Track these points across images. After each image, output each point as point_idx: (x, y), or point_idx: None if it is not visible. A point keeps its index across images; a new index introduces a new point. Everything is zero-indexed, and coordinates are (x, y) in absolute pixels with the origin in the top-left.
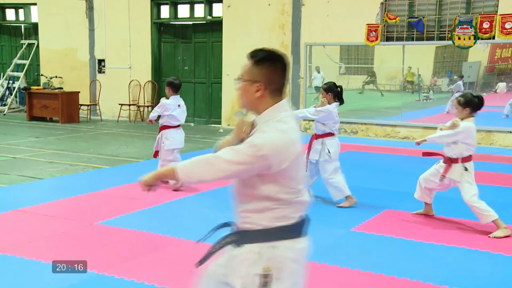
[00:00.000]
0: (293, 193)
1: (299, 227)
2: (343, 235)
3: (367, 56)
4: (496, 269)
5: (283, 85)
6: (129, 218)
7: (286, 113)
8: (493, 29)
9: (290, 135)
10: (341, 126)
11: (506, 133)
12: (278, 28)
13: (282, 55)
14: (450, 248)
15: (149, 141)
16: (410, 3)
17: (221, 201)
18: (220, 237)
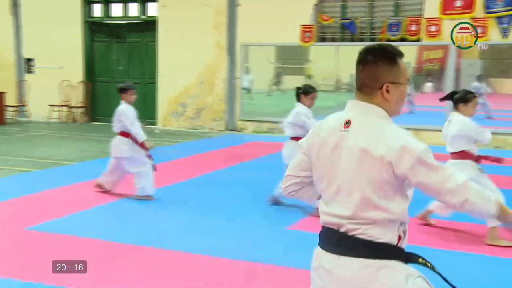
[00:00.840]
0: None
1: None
2: (278, 234)
3: (302, 57)
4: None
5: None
6: (61, 222)
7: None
8: (419, 31)
9: None
10: (277, 126)
11: (434, 131)
12: (214, 28)
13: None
14: None
15: (81, 142)
16: (342, 5)
17: (152, 204)
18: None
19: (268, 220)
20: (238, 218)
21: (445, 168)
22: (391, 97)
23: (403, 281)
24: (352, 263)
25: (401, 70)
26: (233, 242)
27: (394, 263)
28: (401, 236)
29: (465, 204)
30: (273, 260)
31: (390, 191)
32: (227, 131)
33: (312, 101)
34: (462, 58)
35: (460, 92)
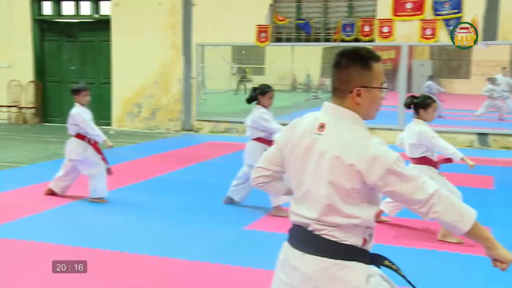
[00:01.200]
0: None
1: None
2: (235, 234)
3: (259, 57)
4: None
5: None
6: (11, 226)
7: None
8: (372, 32)
9: None
10: (233, 126)
11: (387, 130)
12: (169, 28)
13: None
14: None
15: (32, 144)
16: (297, 6)
17: (105, 206)
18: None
19: (225, 221)
20: (195, 219)
21: (416, 178)
22: (362, 101)
23: (363, 281)
24: (316, 262)
25: (374, 73)
26: (189, 243)
27: (356, 264)
28: (366, 239)
29: (431, 214)
30: (231, 260)
31: (357, 199)
32: (183, 131)
33: (270, 101)
34: (414, 59)
35: (420, 97)
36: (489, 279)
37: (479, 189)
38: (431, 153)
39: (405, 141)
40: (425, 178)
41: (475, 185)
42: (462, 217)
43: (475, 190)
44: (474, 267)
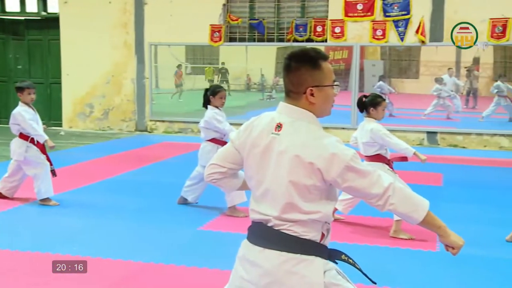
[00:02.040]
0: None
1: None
2: (191, 234)
3: (213, 56)
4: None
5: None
6: None
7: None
8: (325, 32)
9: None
10: (188, 126)
11: (340, 129)
12: (121, 27)
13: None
14: None
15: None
16: (250, 6)
17: (55, 209)
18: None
19: (180, 221)
20: (149, 220)
21: (372, 173)
22: (316, 100)
23: (320, 275)
24: (275, 256)
25: (324, 72)
26: (144, 244)
27: (314, 258)
28: (324, 234)
29: (387, 206)
30: (186, 261)
31: (317, 195)
32: (137, 132)
33: (221, 101)
34: (365, 59)
35: (369, 96)
36: (439, 273)
37: (429, 186)
38: (384, 151)
39: (359, 140)
40: (380, 172)
41: (425, 182)
42: (416, 207)
43: (425, 187)
44: (425, 262)
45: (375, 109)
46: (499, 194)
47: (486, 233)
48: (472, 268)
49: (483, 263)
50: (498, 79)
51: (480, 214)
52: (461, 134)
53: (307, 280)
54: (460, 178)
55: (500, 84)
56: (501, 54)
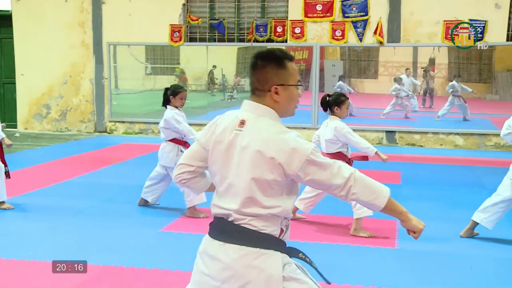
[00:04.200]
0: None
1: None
2: (152, 236)
3: (173, 57)
4: None
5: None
6: None
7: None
8: (285, 33)
9: None
10: (148, 127)
11: (301, 129)
12: (78, 26)
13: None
14: None
15: None
16: (211, 6)
17: (9, 213)
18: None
19: (141, 223)
20: (109, 223)
21: (332, 164)
22: (280, 99)
23: (279, 268)
24: (235, 250)
25: (290, 72)
26: (104, 247)
27: (273, 252)
28: (283, 230)
29: (350, 196)
30: (147, 263)
31: (278, 190)
32: (96, 133)
33: (182, 101)
34: (325, 59)
35: (333, 95)
36: (398, 269)
37: (388, 184)
38: (346, 149)
39: (321, 137)
40: (340, 163)
41: (384, 181)
42: (377, 194)
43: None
44: (384, 259)
45: (339, 108)
46: (454, 192)
47: (442, 229)
48: (429, 263)
49: (440, 259)
50: (454, 79)
51: (437, 211)
52: (418, 133)
53: (266, 273)
54: (418, 176)
55: (455, 84)
56: (455, 55)
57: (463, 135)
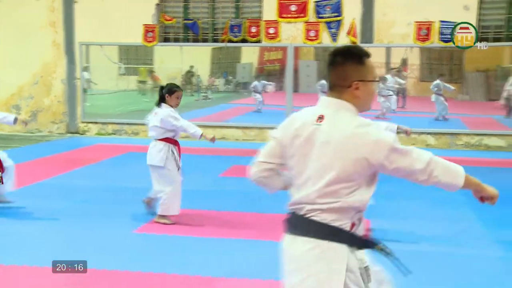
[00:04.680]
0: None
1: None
2: (125, 237)
3: (147, 57)
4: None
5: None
6: None
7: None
8: (259, 33)
9: None
10: (121, 127)
11: (275, 129)
12: (49, 26)
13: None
14: (238, 241)
15: None
16: (185, 6)
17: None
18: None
19: (114, 224)
20: (82, 224)
21: (412, 150)
22: (360, 94)
23: (343, 262)
24: (304, 243)
25: (368, 68)
26: (76, 249)
27: (340, 245)
28: (355, 223)
29: (432, 179)
30: (120, 265)
31: (357, 183)
32: (68, 134)
33: (177, 101)
34: (300, 59)
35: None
36: None
37: None
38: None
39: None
40: (418, 150)
41: None
42: (456, 174)
43: None
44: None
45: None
46: (427, 190)
47: (418, 228)
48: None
49: (412, 257)
50: (438, 78)
51: (411, 210)
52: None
53: (330, 267)
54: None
55: (439, 83)
56: (426, 55)
57: (435, 135)
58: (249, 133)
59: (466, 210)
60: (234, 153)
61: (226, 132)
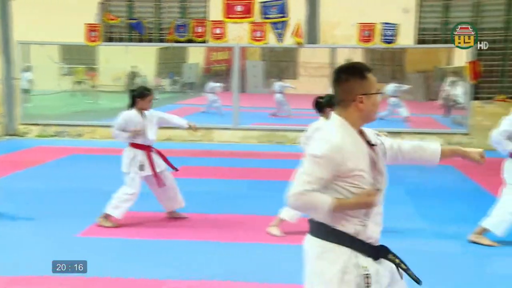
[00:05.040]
0: None
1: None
2: (67, 242)
3: (91, 57)
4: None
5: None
6: None
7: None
8: (206, 33)
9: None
10: (64, 129)
11: (222, 129)
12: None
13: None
14: (199, 243)
15: None
16: (129, 5)
17: None
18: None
19: (56, 228)
20: (22, 229)
21: (299, 174)
22: (365, 106)
23: (338, 263)
24: (312, 241)
25: (370, 82)
26: (15, 255)
27: (341, 249)
28: (358, 230)
29: (288, 199)
30: (63, 270)
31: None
32: (6, 136)
33: (149, 104)
34: (247, 60)
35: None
36: None
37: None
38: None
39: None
40: (302, 175)
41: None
42: (318, 211)
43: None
44: None
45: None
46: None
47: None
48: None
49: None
50: (391, 81)
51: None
52: None
53: (327, 267)
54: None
55: (392, 85)
56: (370, 56)
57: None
58: (196, 133)
59: (408, 207)
60: (181, 154)
61: (172, 133)
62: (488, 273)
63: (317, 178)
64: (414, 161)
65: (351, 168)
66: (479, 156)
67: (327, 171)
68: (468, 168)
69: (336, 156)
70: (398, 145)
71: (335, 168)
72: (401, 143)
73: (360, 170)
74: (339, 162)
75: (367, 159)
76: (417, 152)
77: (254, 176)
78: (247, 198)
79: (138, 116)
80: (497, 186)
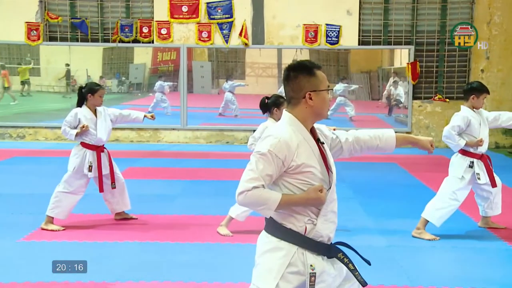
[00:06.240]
0: None
1: None
2: (9, 247)
3: (32, 56)
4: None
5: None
6: None
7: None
8: (151, 33)
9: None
10: (5, 131)
11: (170, 130)
12: None
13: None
14: (172, 244)
15: None
16: (71, 4)
17: None
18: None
19: (0, 233)
20: None
21: (247, 171)
22: (314, 103)
23: (281, 260)
24: (262, 237)
25: (319, 79)
26: None
27: (289, 246)
28: (307, 228)
29: (237, 198)
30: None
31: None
32: None
33: (100, 99)
34: (194, 60)
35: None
36: None
37: None
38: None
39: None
40: (250, 170)
41: None
42: (265, 207)
43: None
44: None
45: (278, 109)
46: None
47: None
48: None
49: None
50: (340, 81)
51: None
52: None
53: (272, 263)
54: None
55: (342, 85)
56: (316, 57)
57: None
58: (143, 134)
59: (353, 204)
60: (129, 155)
61: (120, 134)
62: (429, 264)
63: (265, 175)
64: (371, 150)
65: (299, 164)
66: (429, 144)
67: (275, 168)
68: (410, 165)
69: (283, 153)
70: (353, 137)
71: (283, 164)
72: (357, 134)
73: (309, 166)
74: (286, 159)
75: (317, 156)
76: (374, 141)
77: (202, 177)
78: (197, 198)
79: (90, 113)
80: (438, 182)
